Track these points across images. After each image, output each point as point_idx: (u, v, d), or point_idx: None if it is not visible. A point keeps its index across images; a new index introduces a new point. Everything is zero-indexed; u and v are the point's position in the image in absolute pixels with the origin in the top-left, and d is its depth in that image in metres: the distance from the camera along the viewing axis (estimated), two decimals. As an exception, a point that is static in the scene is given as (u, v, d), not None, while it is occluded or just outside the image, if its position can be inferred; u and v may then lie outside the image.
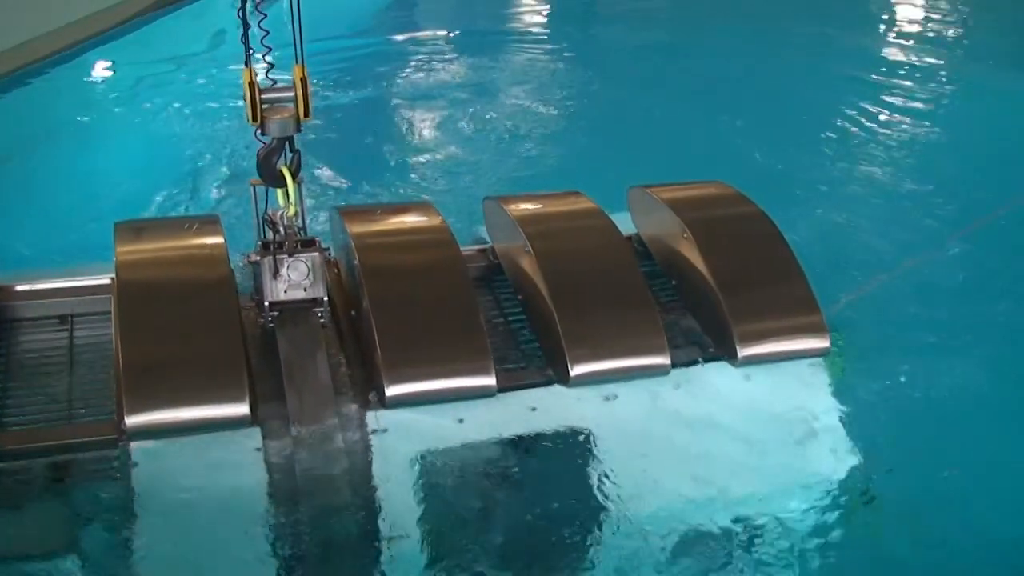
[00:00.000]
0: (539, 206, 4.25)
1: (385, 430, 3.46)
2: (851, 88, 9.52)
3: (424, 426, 3.50)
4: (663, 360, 3.61)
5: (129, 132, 8.45)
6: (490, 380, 3.44)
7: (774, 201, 4.28)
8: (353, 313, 3.80)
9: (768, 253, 3.95)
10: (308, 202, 3.97)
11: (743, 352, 3.67)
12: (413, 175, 7.64)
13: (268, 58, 3.58)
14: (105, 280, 3.84)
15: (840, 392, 3.85)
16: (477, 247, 4.38)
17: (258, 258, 3.67)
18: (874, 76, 9.93)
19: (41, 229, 6.45)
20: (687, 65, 10.45)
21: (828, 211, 6.92)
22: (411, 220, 4.07)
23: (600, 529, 3.56)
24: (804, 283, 3.84)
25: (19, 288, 3.84)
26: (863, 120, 8.74)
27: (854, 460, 3.76)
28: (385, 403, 3.38)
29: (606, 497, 3.56)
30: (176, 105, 8.65)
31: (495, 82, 9.72)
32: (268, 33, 3.55)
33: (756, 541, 3.70)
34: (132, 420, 3.12)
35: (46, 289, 3.85)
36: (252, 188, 3.80)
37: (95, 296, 3.82)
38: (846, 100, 9.12)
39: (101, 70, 9.76)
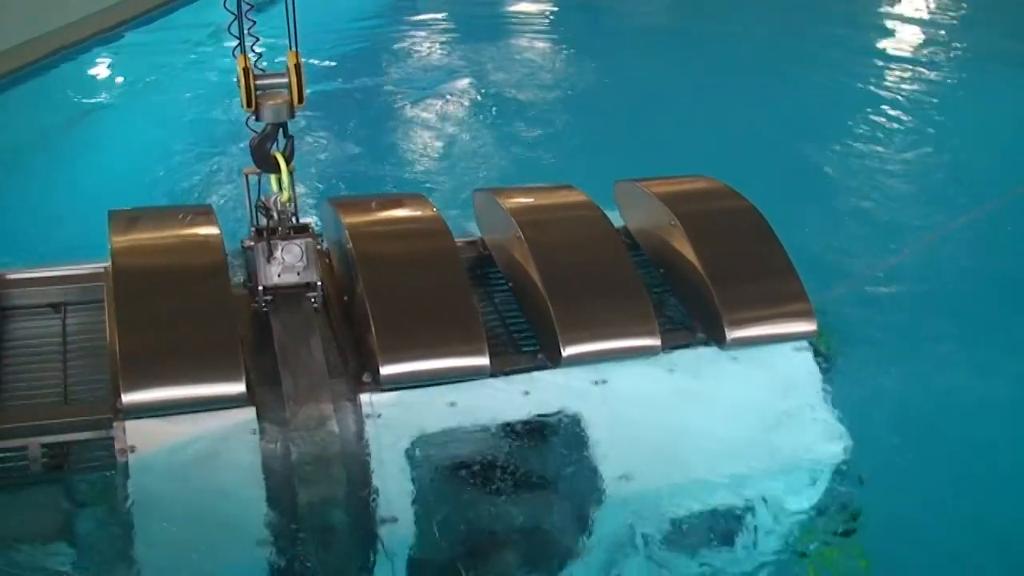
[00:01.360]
0: (530, 197, 4.31)
1: (379, 415, 3.48)
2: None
3: (417, 407, 3.53)
4: (653, 342, 3.65)
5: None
6: (484, 360, 3.47)
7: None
8: (346, 299, 3.82)
9: (755, 240, 4.00)
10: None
11: (732, 335, 3.71)
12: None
13: (257, 48, 3.63)
14: (97, 268, 3.86)
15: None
16: (467, 239, 4.41)
17: (252, 244, 3.70)
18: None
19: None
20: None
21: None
22: (404, 209, 4.10)
23: (594, 511, 3.60)
24: (791, 268, 3.89)
25: (11, 277, 3.85)
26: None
27: (841, 439, 3.82)
28: (380, 383, 3.39)
29: (599, 477, 3.60)
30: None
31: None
32: (255, 23, 3.60)
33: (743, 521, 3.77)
34: (129, 398, 3.12)
35: (38, 278, 3.85)
36: (245, 177, 3.84)
37: (88, 284, 3.83)
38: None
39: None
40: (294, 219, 3.78)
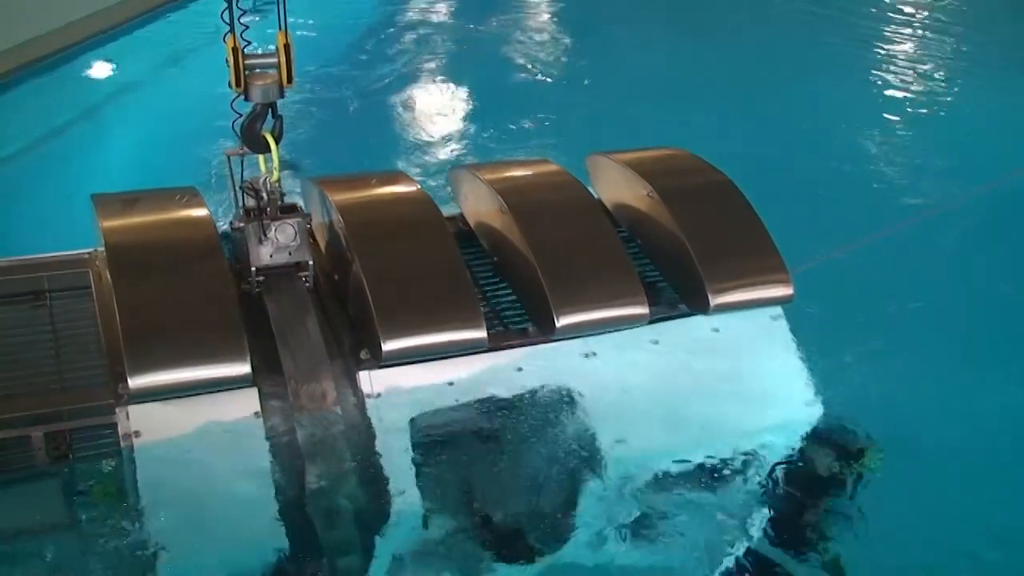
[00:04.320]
0: (508, 171, 4.36)
1: (379, 392, 3.53)
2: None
3: (415, 382, 3.58)
4: (642, 311, 3.75)
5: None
6: (481, 333, 3.52)
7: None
8: (336, 277, 3.84)
9: (731, 209, 4.11)
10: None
11: (715, 301, 3.83)
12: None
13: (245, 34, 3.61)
14: (80, 255, 3.81)
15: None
16: (446, 215, 4.44)
17: (242, 224, 3.69)
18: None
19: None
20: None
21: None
22: (389, 186, 4.12)
23: (590, 475, 3.72)
24: (766, 235, 4.01)
25: None
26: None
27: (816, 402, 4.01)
28: (381, 359, 3.43)
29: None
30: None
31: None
32: (246, 12, 3.58)
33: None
34: (135, 382, 3.11)
35: (19, 265, 3.78)
36: (227, 158, 3.81)
37: (71, 271, 3.77)
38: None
39: None
40: (282, 199, 3.77)
